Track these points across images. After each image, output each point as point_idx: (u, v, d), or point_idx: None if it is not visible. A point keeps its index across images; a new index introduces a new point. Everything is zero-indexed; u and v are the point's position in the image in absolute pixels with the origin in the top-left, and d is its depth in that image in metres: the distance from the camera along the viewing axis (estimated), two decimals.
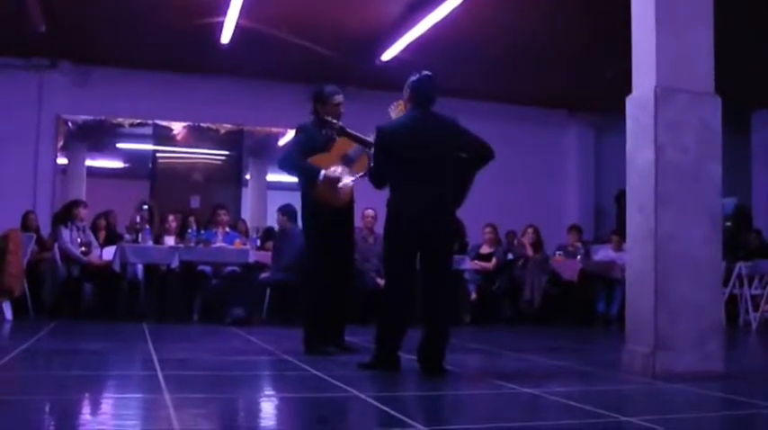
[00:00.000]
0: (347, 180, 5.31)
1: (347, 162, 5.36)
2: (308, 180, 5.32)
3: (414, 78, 4.70)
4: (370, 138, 5.03)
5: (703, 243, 4.63)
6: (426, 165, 4.52)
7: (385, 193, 4.69)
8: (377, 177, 4.69)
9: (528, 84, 11.01)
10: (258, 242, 9.91)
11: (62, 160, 10.94)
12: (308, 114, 5.61)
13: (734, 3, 5.72)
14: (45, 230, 9.23)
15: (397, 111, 4.95)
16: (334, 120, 5.43)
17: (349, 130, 5.37)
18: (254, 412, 3.58)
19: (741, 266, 9.27)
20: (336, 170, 5.29)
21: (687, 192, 4.60)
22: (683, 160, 4.61)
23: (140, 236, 8.62)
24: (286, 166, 5.46)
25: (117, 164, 13.95)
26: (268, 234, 10.02)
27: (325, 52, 9.51)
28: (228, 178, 12.55)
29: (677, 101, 4.63)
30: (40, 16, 8.43)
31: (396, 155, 4.54)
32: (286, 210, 8.36)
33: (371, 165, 4.88)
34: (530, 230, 10.01)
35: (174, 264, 8.30)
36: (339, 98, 5.52)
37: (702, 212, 4.64)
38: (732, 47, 5.79)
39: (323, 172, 5.23)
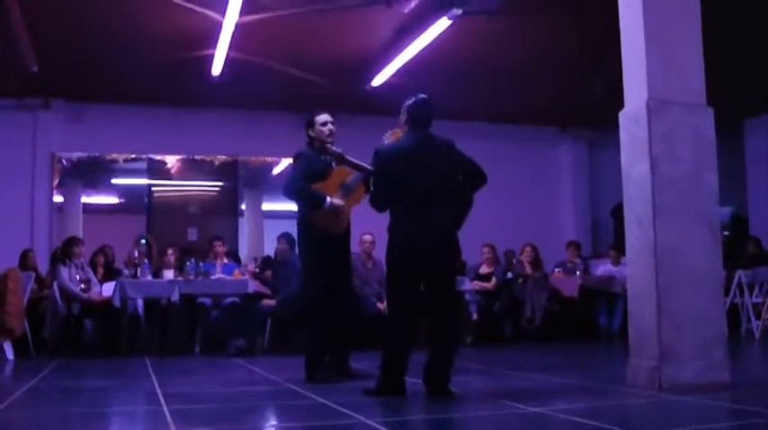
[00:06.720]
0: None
1: (345, 191, 5.35)
2: (313, 206, 5.32)
3: (410, 101, 4.73)
4: (370, 167, 5.03)
5: (703, 253, 4.64)
6: (426, 188, 4.52)
7: (382, 218, 4.69)
8: (377, 200, 4.69)
9: (519, 102, 11.02)
10: (253, 266, 9.89)
11: (58, 198, 10.94)
12: (303, 143, 5.61)
13: (721, 12, 5.76)
14: (43, 268, 9.20)
15: (391, 139, 4.95)
16: (333, 147, 5.44)
17: (348, 158, 5.36)
18: None
19: (741, 275, 9.25)
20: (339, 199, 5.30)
21: (685, 202, 4.61)
22: (679, 171, 4.62)
23: (139, 270, 8.60)
24: (291, 193, 5.45)
25: (113, 199, 13.95)
26: (266, 263, 10.00)
27: (316, 80, 9.56)
28: (224, 209, 12.52)
29: (670, 113, 4.65)
30: (32, 56, 8.46)
31: (395, 177, 4.56)
32: (288, 238, 8.38)
33: (371, 188, 4.87)
34: (528, 248, 10.00)
35: (174, 297, 8.29)
36: (324, 117, 5.55)
37: (701, 222, 4.65)
38: (721, 56, 5.82)
39: (329, 199, 5.25)
